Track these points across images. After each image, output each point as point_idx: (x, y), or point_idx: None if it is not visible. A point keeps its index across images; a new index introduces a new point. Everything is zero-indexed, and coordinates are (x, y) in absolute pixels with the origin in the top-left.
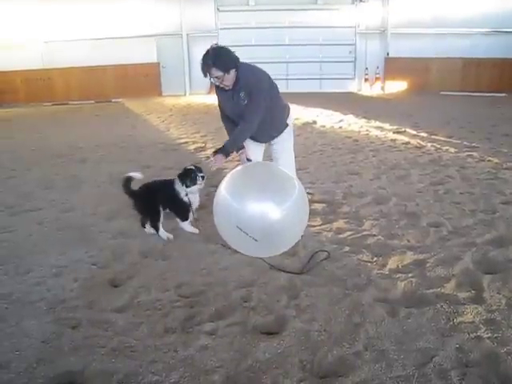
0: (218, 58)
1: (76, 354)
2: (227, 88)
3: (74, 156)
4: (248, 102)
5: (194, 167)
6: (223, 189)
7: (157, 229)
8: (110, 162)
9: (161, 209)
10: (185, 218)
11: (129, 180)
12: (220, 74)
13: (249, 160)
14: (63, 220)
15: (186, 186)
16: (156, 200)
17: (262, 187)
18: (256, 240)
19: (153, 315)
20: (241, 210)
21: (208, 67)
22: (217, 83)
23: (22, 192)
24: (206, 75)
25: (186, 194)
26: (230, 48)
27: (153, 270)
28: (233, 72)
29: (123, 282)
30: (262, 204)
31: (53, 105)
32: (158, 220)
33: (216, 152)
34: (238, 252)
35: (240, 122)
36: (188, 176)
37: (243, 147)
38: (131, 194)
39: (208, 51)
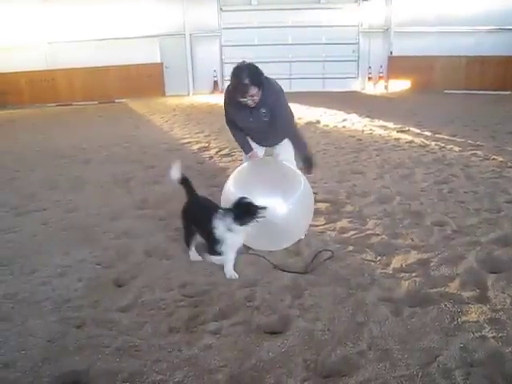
0: (253, 76)
1: (81, 353)
2: (252, 105)
3: (77, 156)
4: (276, 115)
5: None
6: (231, 185)
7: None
8: (114, 163)
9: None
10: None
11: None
12: (255, 91)
13: None
14: (67, 220)
15: (240, 224)
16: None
17: (269, 183)
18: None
19: (157, 315)
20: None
21: (246, 87)
22: (248, 102)
23: (27, 192)
24: (244, 96)
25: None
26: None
27: (157, 270)
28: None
29: (127, 282)
30: (268, 198)
31: (57, 106)
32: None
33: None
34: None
35: (290, 140)
36: (246, 210)
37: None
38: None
39: (240, 70)
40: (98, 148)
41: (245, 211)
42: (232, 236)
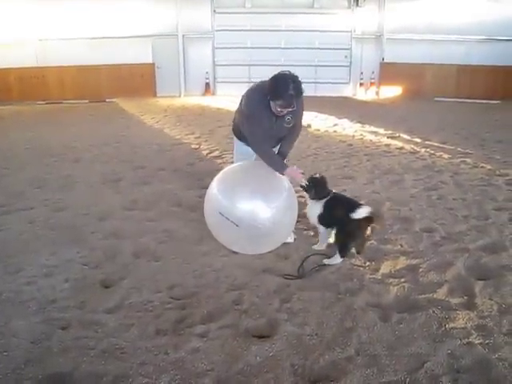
0: (299, 89)
1: (65, 355)
2: (280, 114)
3: (67, 155)
4: (297, 121)
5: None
6: (214, 186)
7: None
8: (104, 162)
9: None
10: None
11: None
12: (295, 103)
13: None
14: (55, 219)
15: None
16: None
17: (253, 186)
18: (237, 225)
19: (144, 317)
20: (230, 207)
21: (291, 99)
22: (282, 112)
23: (14, 191)
24: (286, 107)
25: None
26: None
27: (144, 271)
28: None
29: (114, 283)
30: (251, 202)
31: (47, 103)
32: None
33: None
34: (231, 254)
35: (292, 136)
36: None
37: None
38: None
39: (286, 82)
40: (88, 147)
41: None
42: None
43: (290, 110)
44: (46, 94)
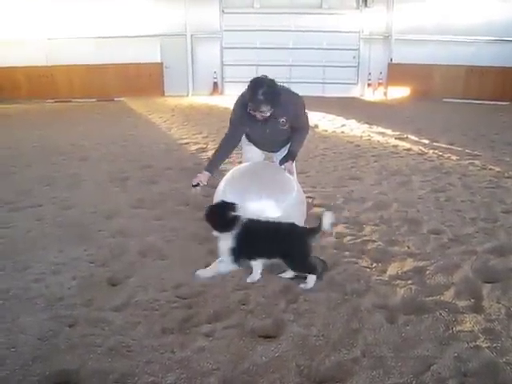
0: (269, 94)
1: (72, 352)
2: (261, 119)
3: (74, 154)
4: (296, 123)
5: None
6: (223, 185)
7: None
8: (111, 161)
9: None
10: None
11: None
12: (267, 108)
13: (195, 186)
14: (63, 217)
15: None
16: None
17: (261, 187)
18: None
19: (150, 315)
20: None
21: (259, 103)
22: (257, 116)
23: (22, 188)
24: (254, 111)
25: None
26: (273, 79)
27: (151, 270)
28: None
29: (121, 281)
30: (259, 201)
31: (55, 102)
32: None
33: (285, 160)
34: None
35: (297, 134)
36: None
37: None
38: None
39: (257, 86)
40: (95, 146)
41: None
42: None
43: (263, 114)
44: (55, 93)
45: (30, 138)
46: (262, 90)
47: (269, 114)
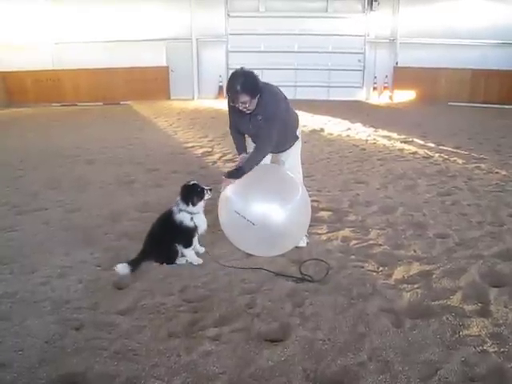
0: (245, 84)
1: (78, 355)
2: (248, 112)
3: (81, 157)
4: (263, 128)
5: (194, 182)
6: (228, 189)
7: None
8: (117, 164)
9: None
10: (188, 244)
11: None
12: (247, 99)
13: None
14: (69, 220)
15: (193, 205)
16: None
17: (266, 189)
18: (254, 224)
19: (156, 319)
20: (245, 208)
21: (237, 94)
22: (241, 108)
23: (29, 191)
24: (233, 102)
25: (192, 219)
26: (253, 71)
27: (157, 274)
28: (257, 97)
29: (127, 285)
30: (265, 203)
31: (62, 106)
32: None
33: (228, 175)
34: (244, 257)
35: (253, 149)
36: (192, 192)
37: (242, 152)
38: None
39: (235, 77)
40: (101, 149)
41: (193, 193)
42: (197, 218)
43: (242, 105)
44: (61, 97)
45: (36, 141)
46: (240, 81)
47: (252, 107)
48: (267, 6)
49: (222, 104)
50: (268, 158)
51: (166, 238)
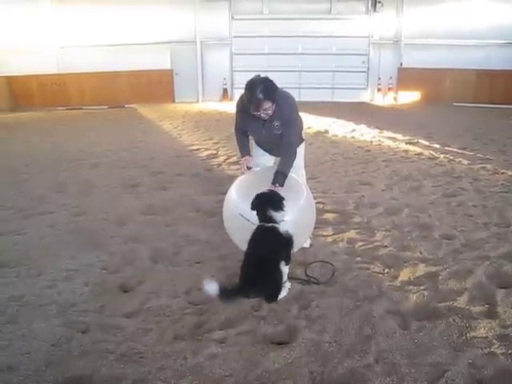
0: (266, 91)
1: (85, 358)
2: (266, 118)
3: (86, 160)
4: (285, 131)
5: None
6: (233, 191)
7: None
8: (122, 167)
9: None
10: (289, 258)
11: None
12: (269, 105)
13: (249, 168)
14: (74, 224)
15: (282, 210)
16: None
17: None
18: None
19: (162, 321)
20: (249, 211)
21: (260, 102)
22: (262, 115)
23: (35, 195)
24: (258, 110)
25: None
26: (268, 76)
27: (163, 276)
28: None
29: (133, 288)
30: None
31: (67, 109)
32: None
33: (274, 184)
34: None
35: (282, 156)
36: (275, 196)
37: (247, 155)
38: None
39: (254, 85)
40: (106, 152)
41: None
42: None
43: (264, 112)
44: (67, 100)
45: (42, 145)
46: (260, 88)
47: (271, 113)
48: (271, 9)
49: (227, 106)
50: (272, 160)
51: (274, 261)
